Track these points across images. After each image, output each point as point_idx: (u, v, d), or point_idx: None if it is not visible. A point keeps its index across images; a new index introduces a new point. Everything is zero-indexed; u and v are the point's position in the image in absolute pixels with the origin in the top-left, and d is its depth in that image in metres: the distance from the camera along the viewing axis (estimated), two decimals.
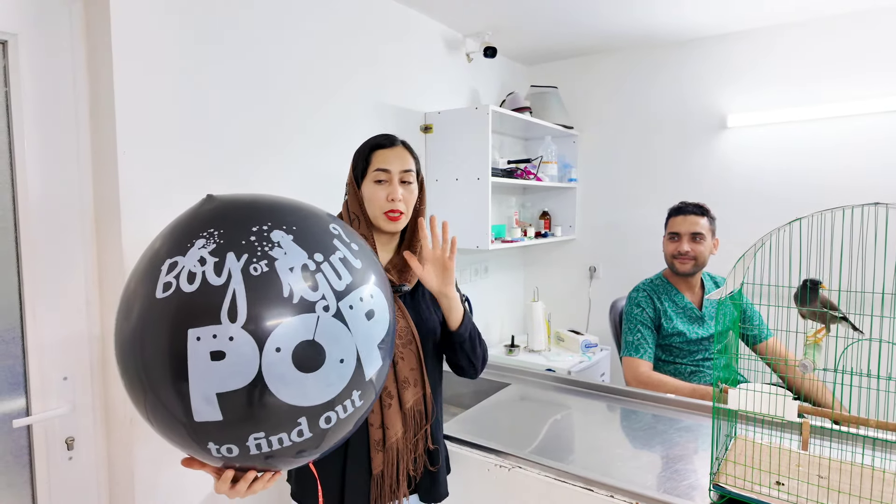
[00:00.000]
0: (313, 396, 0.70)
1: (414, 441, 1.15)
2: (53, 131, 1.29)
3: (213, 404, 0.66)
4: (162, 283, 0.68)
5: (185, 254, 0.70)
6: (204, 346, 0.65)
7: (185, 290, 0.67)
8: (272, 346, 0.67)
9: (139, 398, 0.71)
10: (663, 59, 2.69)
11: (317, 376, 0.70)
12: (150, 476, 1.37)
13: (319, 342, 0.70)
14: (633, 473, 1.22)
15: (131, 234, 1.33)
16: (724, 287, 1.07)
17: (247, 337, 0.66)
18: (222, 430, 0.68)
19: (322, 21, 1.84)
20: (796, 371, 1.71)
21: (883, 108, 2.19)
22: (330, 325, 0.71)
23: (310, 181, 1.80)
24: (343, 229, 0.83)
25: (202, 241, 0.70)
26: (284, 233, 0.73)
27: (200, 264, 0.68)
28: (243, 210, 0.75)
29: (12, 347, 1.26)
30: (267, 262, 0.69)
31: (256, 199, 0.79)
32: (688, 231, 1.89)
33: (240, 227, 0.72)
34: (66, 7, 1.30)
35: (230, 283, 0.67)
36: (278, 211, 0.77)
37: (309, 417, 0.71)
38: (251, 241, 0.71)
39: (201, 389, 0.66)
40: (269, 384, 0.67)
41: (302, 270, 0.71)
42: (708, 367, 1.90)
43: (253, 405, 0.67)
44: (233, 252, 0.69)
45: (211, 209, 0.76)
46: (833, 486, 1.05)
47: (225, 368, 0.65)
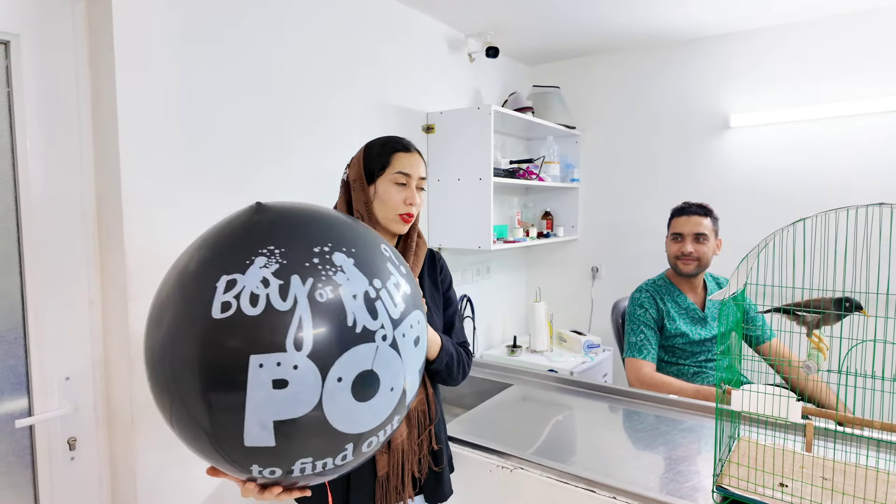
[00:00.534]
0: (363, 424, 0.70)
1: (418, 442, 1.15)
2: (56, 132, 1.29)
3: (268, 430, 0.64)
4: (219, 301, 0.64)
5: (244, 272, 0.66)
6: (267, 373, 0.62)
7: (248, 313, 0.63)
8: (335, 376, 0.65)
9: (166, 408, 0.69)
10: (666, 59, 2.69)
11: (370, 405, 0.69)
12: (153, 476, 1.37)
13: (377, 371, 0.69)
14: (636, 475, 1.22)
15: (133, 235, 1.33)
16: (727, 288, 1.07)
17: (311, 366, 0.64)
18: (271, 454, 0.66)
19: (324, 21, 1.84)
20: (800, 372, 1.70)
21: (886, 107, 2.18)
22: (386, 354, 0.70)
23: (312, 181, 1.80)
24: (391, 250, 0.82)
25: (263, 260, 0.67)
26: (345, 256, 0.71)
27: (264, 286, 0.65)
28: (301, 227, 0.73)
29: (14, 347, 1.26)
30: (332, 289, 0.67)
31: (310, 213, 0.77)
32: (691, 232, 1.88)
33: (301, 246, 0.69)
34: (69, 7, 1.30)
35: (296, 309, 0.64)
36: (336, 230, 0.75)
37: (355, 443, 0.71)
38: (314, 263, 0.68)
39: (258, 416, 0.63)
40: (326, 413, 0.66)
41: (364, 298, 0.69)
42: (711, 368, 1.89)
43: (307, 433, 0.66)
44: (297, 275, 0.66)
45: (265, 221, 0.73)
46: (837, 487, 1.05)
47: (286, 397, 0.63)
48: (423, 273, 1.24)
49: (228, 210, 1.56)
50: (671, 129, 2.70)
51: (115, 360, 1.37)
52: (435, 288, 1.26)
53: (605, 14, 2.31)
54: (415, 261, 1.20)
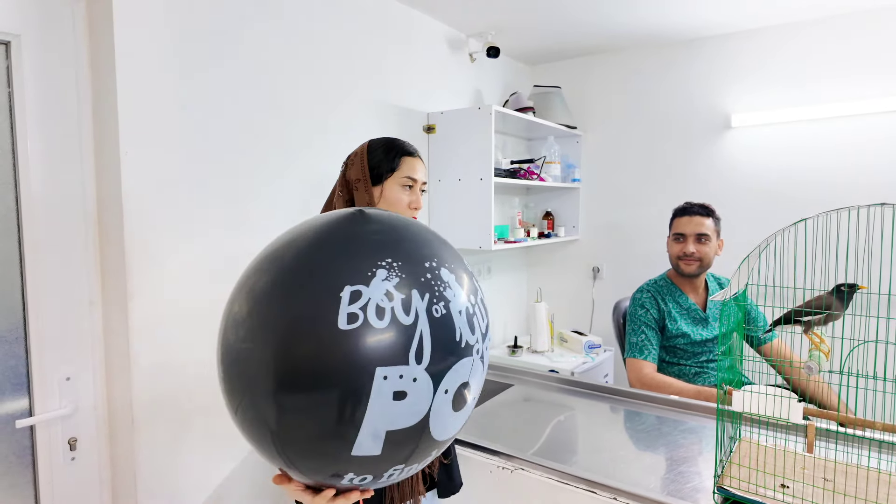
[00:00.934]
0: (451, 431, 0.74)
1: None
2: (56, 132, 1.29)
3: (378, 440, 0.66)
4: (345, 312, 0.64)
5: (368, 284, 0.66)
6: (390, 385, 0.64)
7: (375, 326, 0.64)
8: (443, 388, 0.68)
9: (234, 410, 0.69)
10: (667, 59, 2.68)
11: (460, 414, 0.73)
12: (153, 476, 1.37)
13: (471, 383, 0.73)
14: (637, 475, 1.22)
15: (134, 235, 1.33)
16: (728, 288, 1.06)
17: (427, 379, 0.67)
18: (371, 462, 0.68)
19: (325, 21, 1.84)
20: (801, 373, 1.70)
21: (888, 107, 2.17)
22: (478, 367, 0.74)
23: (312, 181, 1.80)
24: (466, 263, 0.84)
25: (384, 273, 0.68)
26: (448, 272, 0.74)
27: (388, 299, 0.66)
28: (408, 240, 0.75)
29: (15, 347, 1.26)
30: (444, 304, 0.70)
31: (408, 225, 0.79)
32: (693, 232, 1.88)
33: (415, 261, 0.71)
34: (69, 8, 1.30)
35: (418, 324, 0.67)
36: (432, 244, 0.77)
37: (438, 449, 0.74)
38: (428, 279, 0.70)
39: (373, 426, 0.65)
40: (430, 423, 0.69)
41: (466, 313, 0.73)
42: (712, 368, 1.89)
43: (411, 442, 0.69)
44: (416, 290, 0.68)
45: (376, 232, 0.74)
46: (838, 489, 1.04)
47: (403, 408, 0.66)
48: None
49: (227, 210, 1.56)
50: (673, 129, 2.69)
51: (116, 361, 1.37)
52: None
53: (606, 14, 2.30)
54: None
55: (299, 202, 1.76)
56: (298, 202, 1.75)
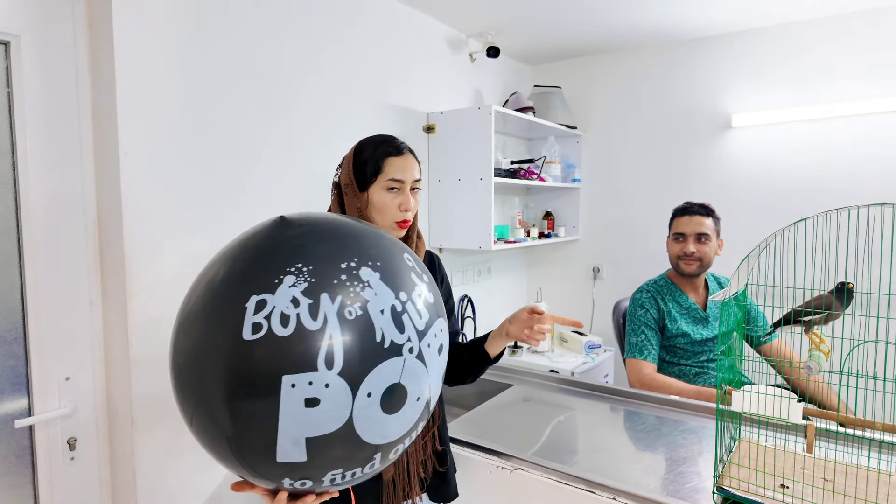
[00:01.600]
0: (391, 434, 0.71)
1: (422, 443, 1.14)
2: (56, 132, 1.29)
3: (300, 446, 0.65)
4: (249, 322, 0.65)
5: (274, 292, 0.66)
6: (299, 392, 0.63)
7: (279, 334, 0.64)
8: (364, 392, 0.66)
9: (188, 417, 0.70)
10: (668, 59, 2.68)
11: (397, 416, 0.70)
12: (153, 476, 1.37)
13: (404, 384, 0.70)
14: (637, 475, 1.22)
15: (133, 235, 1.33)
16: (728, 288, 1.06)
17: (342, 384, 0.65)
18: (302, 468, 0.67)
19: (324, 21, 1.84)
20: (801, 373, 1.69)
21: (890, 107, 2.17)
22: (413, 366, 0.71)
23: (312, 181, 1.80)
24: (414, 259, 0.81)
25: (292, 279, 0.66)
26: (371, 270, 0.71)
27: (294, 306, 0.65)
28: (327, 242, 0.73)
29: (14, 347, 1.26)
30: (360, 305, 0.67)
31: (335, 226, 0.77)
32: (693, 232, 1.88)
33: (329, 263, 0.69)
34: (69, 8, 1.30)
35: (326, 328, 0.65)
36: (361, 242, 0.75)
37: (383, 452, 0.72)
38: (342, 280, 0.68)
39: (290, 434, 0.64)
40: (357, 427, 0.67)
41: (391, 312, 0.70)
42: (712, 368, 1.89)
43: (339, 447, 0.67)
44: (327, 293, 0.66)
45: (292, 237, 0.73)
46: (838, 489, 1.04)
47: (318, 415, 0.64)
48: None
49: (227, 210, 1.56)
50: (673, 129, 2.69)
51: (116, 360, 1.37)
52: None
53: (606, 14, 2.30)
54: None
55: (299, 202, 1.76)
56: (298, 203, 1.75)
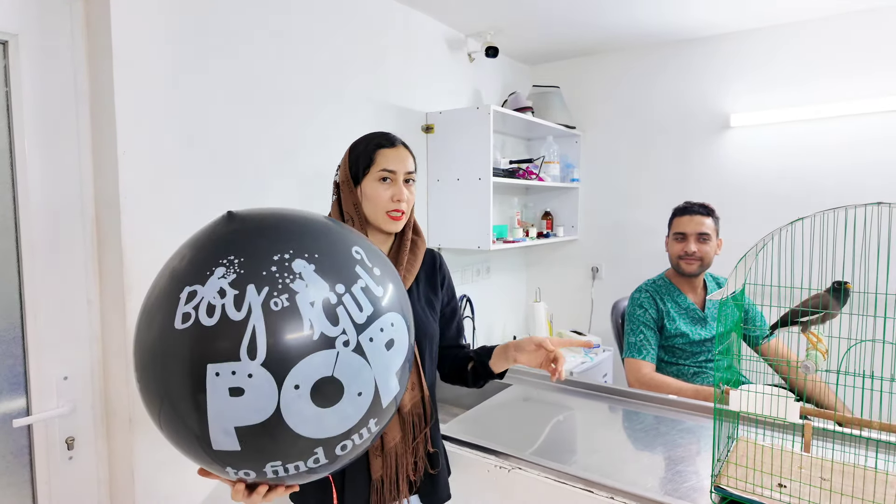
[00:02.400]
0: (330, 429, 0.70)
1: (413, 445, 1.14)
2: (54, 132, 1.29)
3: (231, 436, 0.66)
4: (181, 312, 0.67)
5: (204, 283, 0.68)
6: (223, 381, 0.64)
7: (205, 324, 0.66)
8: (291, 384, 0.66)
9: (154, 412, 0.72)
10: (666, 59, 2.68)
11: (334, 410, 0.69)
12: (151, 476, 1.37)
13: (338, 378, 0.69)
14: (635, 475, 1.22)
15: (132, 234, 1.33)
16: (726, 287, 1.06)
17: (266, 374, 0.65)
18: (240, 458, 0.68)
19: (323, 21, 1.84)
20: (799, 372, 1.70)
21: (887, 107, 2.18)
22: (349, 360, 0.70)
23: (311, 182, 1.80)
24: (366, 252, 0.81)
25: (222, 270, 0.68)
26: (306, 262, 0.71)
27: (220, 296, 0.66)
28: (265, 235, 0.73)
29: (13, 347, 1.26)
30: (288, 297, 0.67)
31: (281, 219, 0.77)
32: (694, 231, 1.88)
33: (261, 255, 0.70)
34: (67, 7, 1.30)
35: (250, 319, 0.65)
36: (302, 235, 0.74)
37: (325, 447, 0.71)
38: (272, 272, 0.68)
39: (220, 423, 0.66)
40: (286, 419, 0.66)
41: (323, 304, 0.69)
42: (711, 368, 1.89)
43: (270, 438, 0.67)
44: (253, 284, 0.67)
45: (231, 232, 0.73)
46: (836, 488, 1.04)
47: (243, 404, 0.65)
48: (419, 274, 1.22)
49: (225, 209, 1.56)
50: (672, 128, 2.69)
51: (114, 360, 1.37)
52: (432, 289, 1.24)
53: (604, 14, 2.30)
54: (411, 260, 1.18)
55: (297, 202, 1.76)
56: (297, 202, 1.75)
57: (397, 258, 1.18)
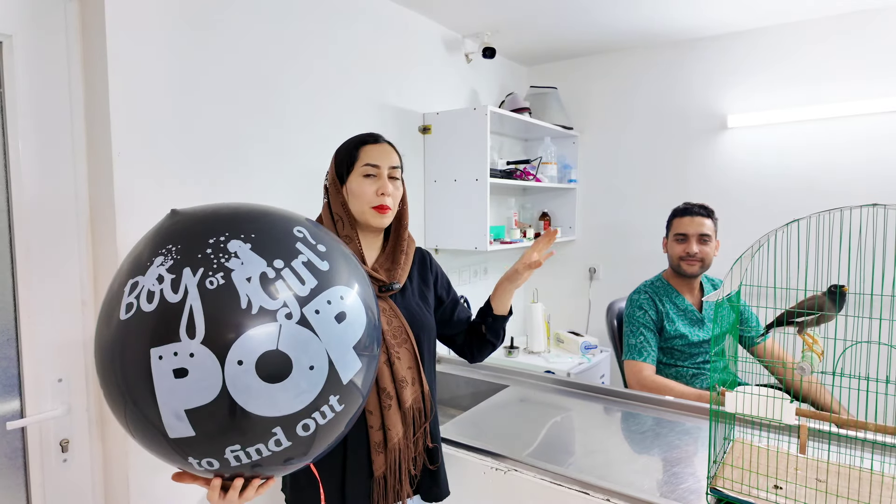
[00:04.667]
0: (284, 406, 0.70)
1: (414, 440, 1.14)
2: (48, 132, 1.28)
3: (183, 420, 0.67)
4: (125, 304, 0.69)
5: (144, 273, 0.70)
6: (167, 364, 0.66)
7: (145, 310, 0.68)
8: (234, 359, 0.66)
9: (119, 412, 0.72)
10: (663, 60, 2.68)
11: (285, 385, 0.69)
12: (146, 478, 1.37)
13: (284, 351, 0.69)
14: (631, 477, 1.21)
15: (127, 235, 1.32)
16: (721, 289, 1.06)
17: (207, 352, 0.66)
18: (197, 444, 0.69)
19: (320, 22, 1.84)
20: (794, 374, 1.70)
21: (884, 108, 2.18)
22: (294, 333, 0.70)
23: (308, 182, 1.80)
24: (310, 231, 0.82)
25: (160, 259, 0.71)
26: (242, 242, 0.72)
27: (158, 282, 0.68)
28: (202, 222, 0.75)
29: (7, 349, 1.26)
30: (223, 275, 0.69)
31: (220, 208, 0.79)
32: (695, 232, 1.88)
33: (197, 240, 0.72)
34: (61, 8, 1.30)
35: (187, 299, 0.67)
36: (238, 219, 0.76)
37: (284, 427, 0.71)
38: (207, 253, 0.70)
39: (170, 406, 0.67)
40: (235, 397, 0.67)
41: (260, 279, 0.70)
42: (709, 369, 1.89)
43: (222, 419, 0.67)
44: (189, 267, 0.69)
45: (171, 224, 0.76)
46: (832, 489, 1.04)
47: (189, 385, 0.66)
48: (412, 272, 1.25)
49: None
50: (669, 129, 2.69)
51: None
52: (425, 284, 1.27)
53: (602, 14, 2.30)
54: (405, 260, 1.20)
55: (293, 202, 1.75)
56: (293, 203, 1.75)
57: (393, 256, 1.19)
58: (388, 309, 1.13)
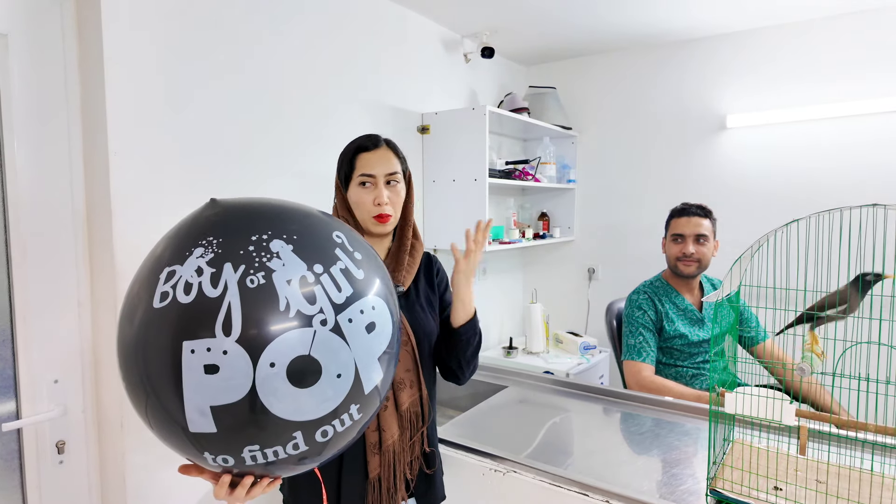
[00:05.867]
0: (309, 411, 0.69)
1: (410, 444, 1.14)
2: (45, 132, 1.28)
3: (206, 416, 0.66)
4: (160, 292, 0.68)
5: (182, 263, 0.69)
6: (198, 358, 0.65)
7: (182, 301, 0.66)
8: (266, 361, 0.66)
9: (140, 403, 0.71)
10: (662, 60, 2.68)
11: (312, 391, 0.69)
12: (142, 480, 1.36)
13: (316, 357, 0.68)
14: (630, 478, 1.21)
15: (123, 235, 1.32)
16: (721, 289, 1.06)
17: (241, 351, 0.65)
18: (217, 441, 0.68)
19: (318, 22, 1.83)
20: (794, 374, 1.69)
21: (883, 108, 2.18)
22: (327, 340, 0.69)
23: (306, 183, 1.79)
24: (348, 236, 0.81)
25: (200, 250, 0.69)
26: (284, 242, 0.71)
27: (197, 274, 0.67)
28: (245, 217, 0.74)
29: (2, 350, 1.25)
30: (264, 274, 0.68)
31: (262, 204, 0.77)
32: (692, 233, 1.87)
33: (239, 235, 0.71)
34: (57, 6, 1.29)
35: (226, 296, 0.66)
36: (281, 218, 0.75)
37: (304, 431, 0.70)
38: (249, 251, 0.69)
39: (195, 401, 0.66)
40: (262, 399, 0.66)
41: (300, 283, 0.69)
42: (709, 369, 1.89)
43: (246, 419, 0.67)
44: (230, 263, 0.68)
45: (212, 215, 0.74)
46: (831, 491, 1.04)
47: (218, 382, 0.65)
48: (418, 275, 1.23)
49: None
50: (668, 129, 2.69)
51: (105, 363, 1.36)
52: (430, 288, 1.25)
53: (601, 15, 2.30)
54: (410, 262, 1.19)
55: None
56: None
57: (397, 259, 1.18)
58: None
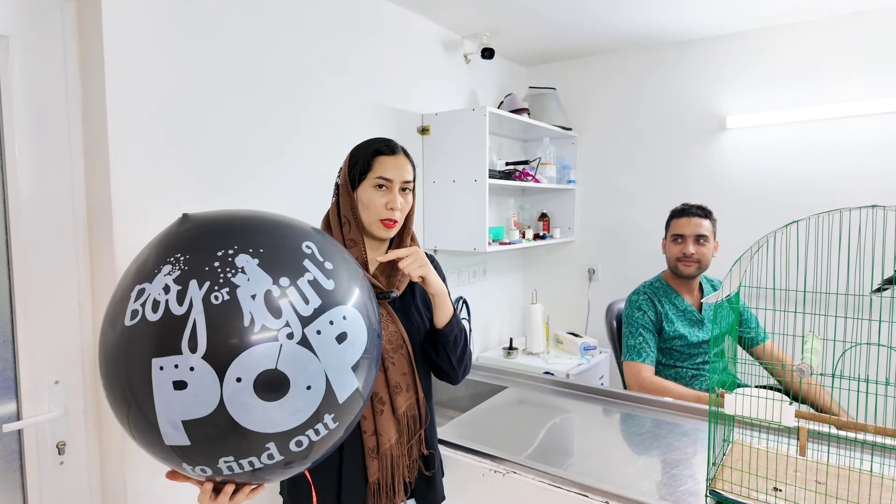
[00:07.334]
0: (280, 423, 0.70)
1: (408, 447, 1.14)
2: (45, 133, 1.28)
3: (179, 430, 0.68)
4: (130, 310, 0.70)
5: (151, 280, 0.70)
6: (167, 375, 0.66)
7: (150, 319, 0.68)
8: (233, 376, 0.67)
9: (122, 415, 0.73)
10: (662, 60, 2.68)
11: (281, 404, 0.69)
12: (142, 480, 1.36)
13: (283, 371, 0.69)
14: (630, 479, 1.21)
15: (124, 236, 1.32)
16: (721, 290, 1.06)
17: (207, 367, 0.66)
18: (192, 453, 0.70)
19: (318, 23, 1.83)
20: (793, 375, 1.69)
21: (882, 109, 2.18)
22: (294, 353, 0.70)
23: (306, 184, 1.79)
24: (319, 246, 0.81)
25: (168, 268, 0.71)
26: (250, 257, 0.72)
27: (165, 292, 0.69)
28: (213, 233, 0.75)
29: (3, 351, 1.25)
30: (228, 290, 0.69)
31: (231, 218, 0.78)
32: (692, 233, 1.87)
33: (206, 251, 0.72)
34: (59, 8, 1.29)
35: (191, 313, 0.67)
36: (249, 232, 0.76)
37: (277, 442, 0.71)
38: (215, 267, 0.70)
39: (167, 416, 0.67)
40: (231, 413, 0.67)
41: (265, 297, 0.70)
42: (708, 370, 1.89)
43: (217, 432, 0.68)
44: (195, 280, 0.69)
45: (183, 231, 0.75)
46: (831, 492, 1.04)
47: (187, 398, 0.66)
48: None
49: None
50: (668, 130, 2.69)
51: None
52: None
53: (600, 15, 2.30)
54: None
55: (293, 203, 1.75)
56: (291, 204, 1.74)
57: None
58: (384, 315, 1.12)
